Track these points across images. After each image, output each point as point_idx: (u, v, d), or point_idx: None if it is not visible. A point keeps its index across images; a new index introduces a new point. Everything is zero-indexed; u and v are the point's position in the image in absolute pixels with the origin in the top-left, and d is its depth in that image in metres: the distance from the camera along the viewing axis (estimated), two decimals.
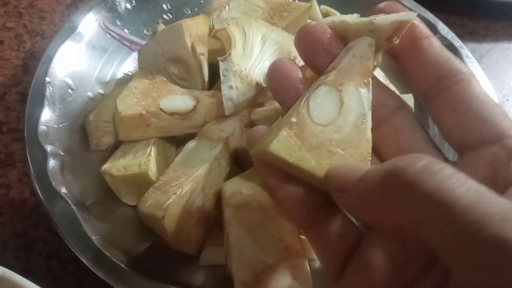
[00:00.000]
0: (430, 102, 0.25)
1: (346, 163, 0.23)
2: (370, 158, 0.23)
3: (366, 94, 0.24)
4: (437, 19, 0.49)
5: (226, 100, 0.35)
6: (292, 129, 0.22)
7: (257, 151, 0.24)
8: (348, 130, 0.23)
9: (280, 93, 0.25)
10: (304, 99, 0.23)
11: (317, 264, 0.33)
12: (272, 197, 0.30)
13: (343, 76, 0.23)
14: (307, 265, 0.30)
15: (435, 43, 0.25)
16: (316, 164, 0.22)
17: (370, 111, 0.24)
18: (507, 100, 0.53)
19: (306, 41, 0.25)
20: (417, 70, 0.25)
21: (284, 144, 0.22)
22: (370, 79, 0.24)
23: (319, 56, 0.25)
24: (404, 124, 0.25)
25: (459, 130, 0.23)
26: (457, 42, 0.47)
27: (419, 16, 0.48)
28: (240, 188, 0.31)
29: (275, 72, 0.25)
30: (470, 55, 0.47)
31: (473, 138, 0.23)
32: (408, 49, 0.25)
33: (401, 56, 0.25)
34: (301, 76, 0.25)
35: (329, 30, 0.25)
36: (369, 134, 0.23)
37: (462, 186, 0.17)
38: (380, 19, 0.24)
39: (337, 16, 0.27)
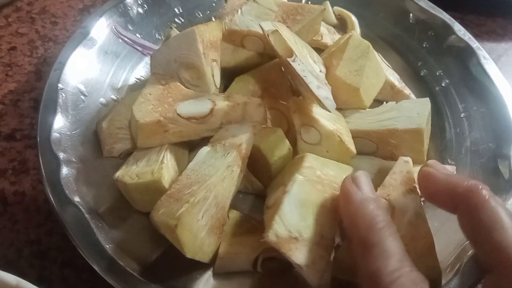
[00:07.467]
0: None
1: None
2: None
3: None
4: (453, 20, 0.48)
5: (324, 99, 0.35)
6: None
7: None
8: None
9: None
10: None
11: None
12: None
13: None
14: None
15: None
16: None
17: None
18: None
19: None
20: None
21: None
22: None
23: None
24: None
25: None
26: (474, 43, 0.46)
27: (435, 16, 0.48)
28: (317, 167, 0.34)
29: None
30: (487, 56, 0.45)
31: None
32: None
33: None
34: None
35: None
36: None
37: None
38: None
39: None
